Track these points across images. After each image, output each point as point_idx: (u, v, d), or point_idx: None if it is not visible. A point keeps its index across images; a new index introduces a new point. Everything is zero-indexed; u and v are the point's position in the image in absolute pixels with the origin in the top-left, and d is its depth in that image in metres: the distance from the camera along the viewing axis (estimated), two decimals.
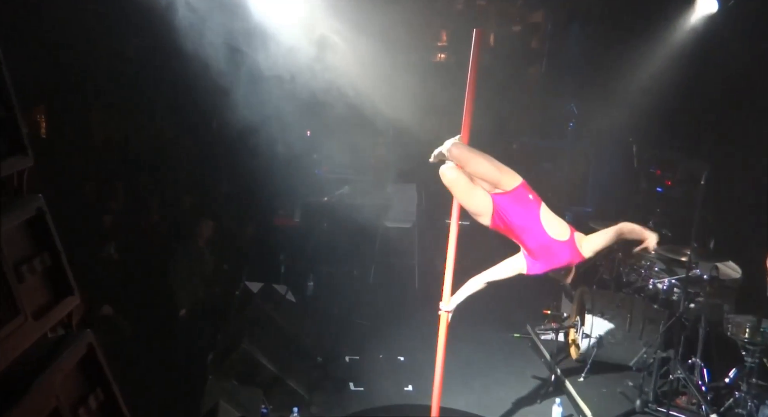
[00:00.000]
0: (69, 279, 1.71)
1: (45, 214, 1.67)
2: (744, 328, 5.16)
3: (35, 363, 1.53)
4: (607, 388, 5.68)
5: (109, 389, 1.73)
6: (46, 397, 1.49)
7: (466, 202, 3.80)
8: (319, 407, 5.38)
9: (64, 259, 1.70)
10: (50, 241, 1.67)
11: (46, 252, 1.65)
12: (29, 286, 1.55)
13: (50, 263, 1.66)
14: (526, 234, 3.68)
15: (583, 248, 3.67)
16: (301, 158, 8.22)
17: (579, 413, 5.47)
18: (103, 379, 1.73)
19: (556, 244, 3.66)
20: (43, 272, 1.63)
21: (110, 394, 1.73)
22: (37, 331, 1.56)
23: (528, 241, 3.70)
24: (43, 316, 1.58)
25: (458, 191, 3.79)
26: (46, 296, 1.65)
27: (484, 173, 3.71)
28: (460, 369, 6.04)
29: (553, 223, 3.69)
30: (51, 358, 1.57)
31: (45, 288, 1.65)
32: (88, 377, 1.69)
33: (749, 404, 5.15)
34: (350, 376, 5.90)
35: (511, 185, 3.66)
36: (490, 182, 3.71)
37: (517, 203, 3.65)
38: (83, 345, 1.69)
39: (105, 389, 1.72)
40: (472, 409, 5.46)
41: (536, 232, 3.66)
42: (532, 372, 6.17)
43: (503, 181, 3.67)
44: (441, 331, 4.24)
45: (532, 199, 3.68)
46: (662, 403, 5.08)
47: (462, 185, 3.74)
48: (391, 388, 5.77)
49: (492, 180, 3.70)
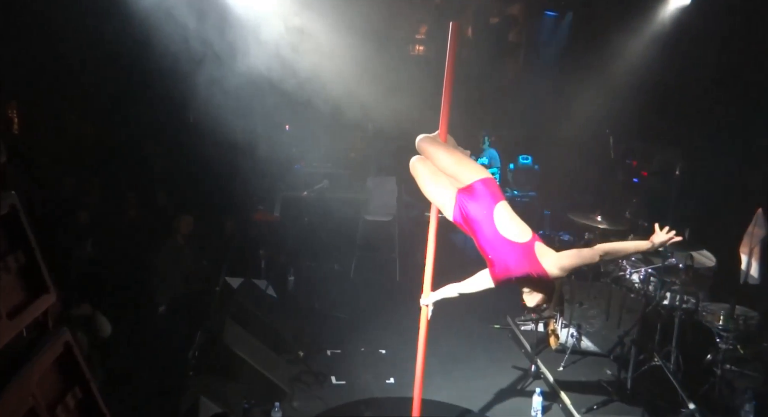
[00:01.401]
0: (44, 277, 1.69)
1: (18, 212, 1.64)
2: (718, 315, 5.27)
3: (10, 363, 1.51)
4: (586, 377, 5.75)
5: (87, 387, 1.71)
6: (22, 397, 1.48)
7: (426, 194, 3.78)
8: (301, 401, 5.38)
9: (39, 256, 1.68)
10: (24, 239, 1.65)
11: (20, 250, 1.63)
12: (3, 285, 1.53)
13: (25, 261, 1.64)
14: (479, 230, 3.55)
15: (545, 261, 3.42)
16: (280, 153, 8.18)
17: (559, 402, 5.54)
18: (81, 378, 1.71)
19: (507, 245, 3.46)
20: (17, 270, 1.61)
21: (88, 392, 1.72)
22: (12, 330, 1.54)
23: (480, 239, 3.56)
24: (18, 315, 1.56)
25: (420, 182, 3.78)
26: (21, 295, 1.63)
27: (443, 167, 3.68)
28: (441, 361, 6.07)
29: (509, 223, 3.50)
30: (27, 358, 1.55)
31: (20, 286, 1.63)
32: (65, 376, 1.68)
33: (723, 389, 5.26)
34: (332, 370, 5.90)
35: (469, 180, 3.58)
36: (450, 176, 3.67)
37: (473, 198, 3.55)
38: (60, 344, 1.67)
39: (83, 387, 1.70)
40: (454, 401, 5.50)
41: (488, 229, 3.51)
42: (513, 362, 6.23)
43: (461, 175, 3.60)
44: (422, 324, 4.26)
45: (490, 196, 3.55)
46: (639, 391, 5.16)
47: (423, 177, 3.74)
48: (373, 381, 5.79)
49: (451, 173, 3.65)
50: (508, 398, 5.62)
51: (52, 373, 1.64)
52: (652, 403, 5.10)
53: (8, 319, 1.52)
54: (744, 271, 5.85)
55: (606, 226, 6.12)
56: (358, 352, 6.27)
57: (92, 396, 1.74)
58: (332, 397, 5.47)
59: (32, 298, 1.67)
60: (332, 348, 6.32)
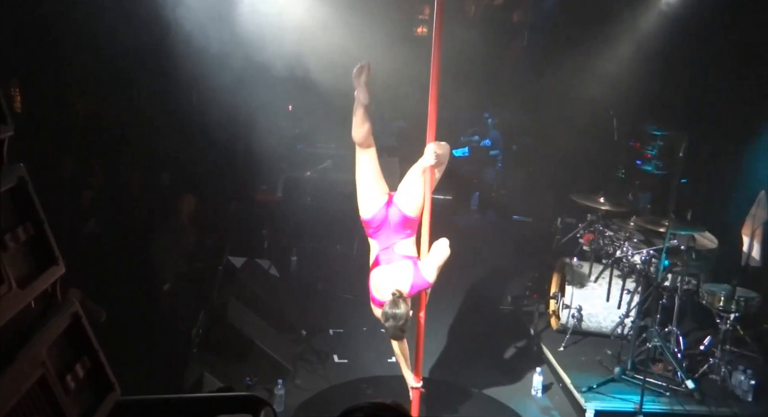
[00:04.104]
0: (53, 249, 1.70)
1: (27, 184, 1.65)
2: (719, 296, 5.30)
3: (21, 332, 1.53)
4: (587, 356, 5.80)
5: (96, 357, 1.74)
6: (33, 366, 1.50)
7: None
8: (304, 379, 5.44)
9: (48, 228, 1.69)
10: (33, 211, 1.66)
11: (29, 222, 1.64)
12: (13, 256, 1.54)
13: (33, 233, 1.65)
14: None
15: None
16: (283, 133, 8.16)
17: (559, 381, 5.59)
18: (90, 348, 1.73)
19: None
20: (26, 242, 1.62)
21: (97, 362, 1.74)
22: (22, 300, 1.55)
23: None
24: (28, 285, 1.58)
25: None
26: (31, 266, 1.64)
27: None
28: (442, 340, 6.13)
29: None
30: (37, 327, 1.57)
31: (29, 258, 1.64)
32: (74, 346, 1.70)
33: (723, 370, 5.31)
34: (334, 349, 5.96)
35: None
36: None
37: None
38: (68, 314, 1.69)
39: (92, 357, 1.72)
40: (455, 380, 5.56)
41: None
42: (513, 342, 6.28)
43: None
44: (421, 303, 4.30)
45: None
46: (639, 371, 5.21)
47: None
48: (375, 360, 5.84)
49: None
50: (509, 377, 5.67)
51: (62, 343, 1.65)
52: (651, 383, 5.15)
53: (19, 288, 1.53)
54: (746, 253, 5.87)
55: (609, 208, 6.13)
56: (360, 331, 6.32)
57: (101, 366, 1.76)
58: (334, 375, 5.53)
59: (41, 269, 1.68)
60: (334, 327, 6.37)
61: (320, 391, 5.28)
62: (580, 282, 6.03)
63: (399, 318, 3.80)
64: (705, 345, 5.69)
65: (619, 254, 5.84)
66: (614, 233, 6.03)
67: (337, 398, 5.10)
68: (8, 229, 1.55)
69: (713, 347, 5.52)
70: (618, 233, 6.00)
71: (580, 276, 6.08)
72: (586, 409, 5.05)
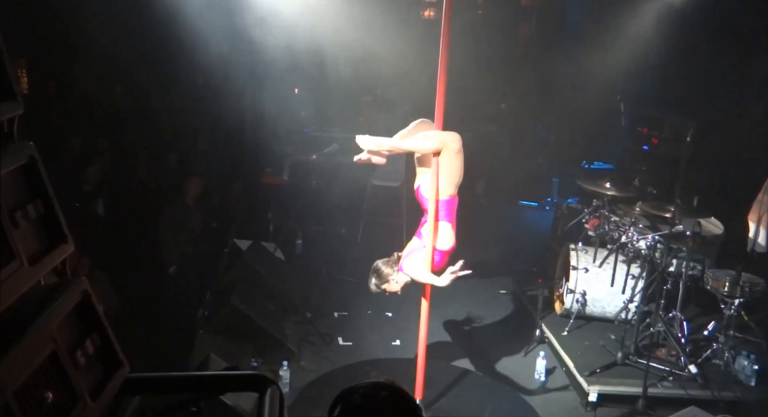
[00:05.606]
0: (63, 227, 1.72)
1: (37, 162, 1.66)
2: (723, 282, 5.30)
3: (32, 308, 1.55)
4: (590, 341, 5.81)
5: (105, 334, 1.76)
6: (44, 341, 1.52)
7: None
8: (308, 361, 5.49)
9: (57, 206, 1.70)
10: (43, 189, 1.67)
11: (39, 199, 1.66)
12: (24, 233, 1.56)
13: (43, 211, 1.66)
14: None
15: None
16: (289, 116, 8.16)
17: (562, 365, 5.62)
18: (99, 325, 1.75)
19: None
20: (36, 220, 1.64)
21: (106, 339, 1.76)
22: (32, 277, 1.57)
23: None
24: (38, 262, 1.60)
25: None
26: (41, 243, 1.65)
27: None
28: (446, 324, 6.16)
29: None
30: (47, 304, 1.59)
31: (39, 235, 1.66)
32: (83, 323, 1.72)
33: (726, 355, 5.33)
34: (339, 332, 6.00)
35: None
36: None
37: None
38: (78, 292, 1.71)
39: (101, 334, 1.75)
40: (458, 363, 5.60)
41: None
42: (517, 327, 6.30)
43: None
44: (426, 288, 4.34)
45: None
46: (643, 355, 5.23)
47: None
48: (379, 342, 5.89)
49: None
50: (513, 361, 5.70)
51: (71, 320, 1.67)
52: (654, 367, 5.17)
53: (29, 265, 1.55)
54: (751, 239, 5.86)
55: (615, 193, 6.12)
56: (364, 314, 6.36)
57: (110, 343, 1.79)
58: (339, 357, 5.58)
59: (51, 247, 1.70)
60: (339, 310, 6.41)
61: (324, 373, 5.33)
62: (585, 267, 6.03)
63: (379, 276, 4.36)
64: (709, 330, 5.69)
65: (624, 239, 5.83)
66: (620, 218, 6.03)
67: (341, 380, 5.14)
68: (19, 207, 1.57)
69: (717, 333, 5.53)
70: (623, 218, 5.99)
71: (585, 261, 6.08)
72: (589, 393, 5.07)
